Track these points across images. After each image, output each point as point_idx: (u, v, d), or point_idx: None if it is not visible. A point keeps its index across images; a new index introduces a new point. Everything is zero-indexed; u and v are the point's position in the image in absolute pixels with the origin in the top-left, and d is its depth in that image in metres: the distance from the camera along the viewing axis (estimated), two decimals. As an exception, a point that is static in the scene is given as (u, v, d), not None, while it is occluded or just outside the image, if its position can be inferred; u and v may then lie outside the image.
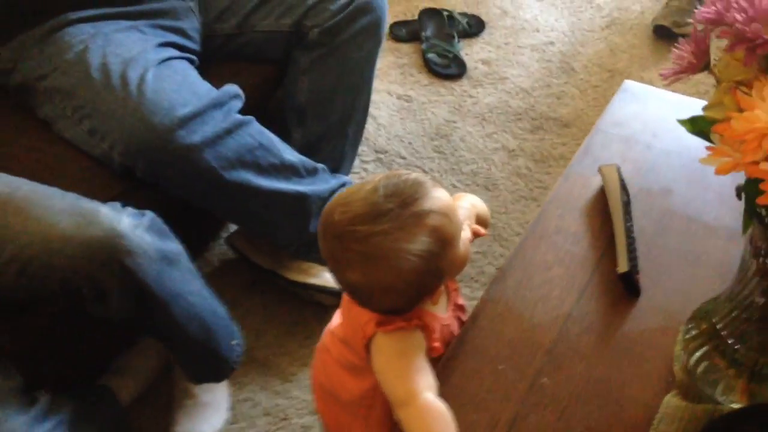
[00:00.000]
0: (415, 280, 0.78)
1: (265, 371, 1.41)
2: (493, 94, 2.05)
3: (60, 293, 0.98)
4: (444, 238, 0.79)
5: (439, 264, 0.79)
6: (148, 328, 1.13)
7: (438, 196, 0.80)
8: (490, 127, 1.94)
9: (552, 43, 2.22)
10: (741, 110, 0.58)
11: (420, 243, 0.77)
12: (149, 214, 1.05)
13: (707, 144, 0.62)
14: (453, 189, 1.77)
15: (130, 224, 0.99)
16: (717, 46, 0.61)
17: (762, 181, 0.56)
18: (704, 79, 0.80)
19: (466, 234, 0.85)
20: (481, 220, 0.95)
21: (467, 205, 0.94)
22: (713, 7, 0.61)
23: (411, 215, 0.77)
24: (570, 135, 1.92)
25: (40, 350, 1.10)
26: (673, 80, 0.64)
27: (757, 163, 0.56)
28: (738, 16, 0.58)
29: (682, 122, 0.65)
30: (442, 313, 0.89)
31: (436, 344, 0.84)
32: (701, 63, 0.62)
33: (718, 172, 0.59)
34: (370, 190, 0.79)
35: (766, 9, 0.57)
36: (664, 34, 2.17)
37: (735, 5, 0.59)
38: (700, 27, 0.62)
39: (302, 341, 1.45)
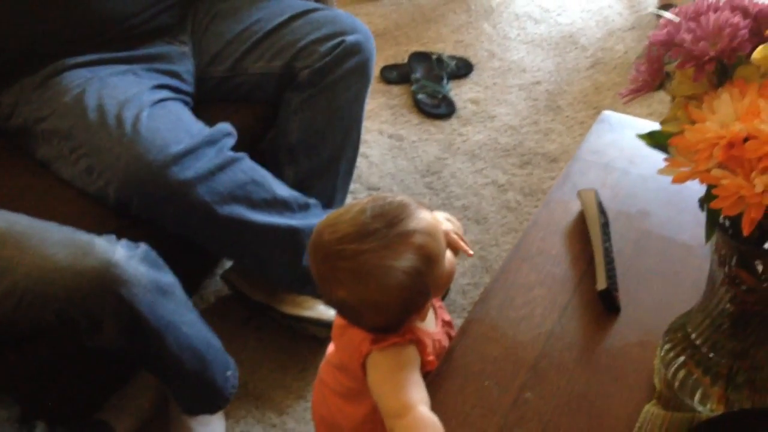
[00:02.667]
0: (402, 296, 0.81)
1: (260, 404, 1.42)
2: (482, 132, 2.10)
3: (56, 324, 1.01)
4: (429, 256, 0.82)
5: (425, 281, 0.83)
6: (143, 360, 1.15)
7: (422, 217, 0.84)
8: (479, 164, 1.99)
9: (538, 83, 2.29)
10: (693, 123, 0.62)
11: (406, 260, 0.80)
12: (143, 246, 1.08)
13: (665, 156, 0.65)
14: (444, 223, 1.80)
15: (124, 255, 1.02)
16: (670, 66, 0.65)
17: (715, 187, 0.59)
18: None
19: (448, 252, 0.89)
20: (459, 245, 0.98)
21: (449, 226, 0.97)
22: (665, 30, 0.65)
23: (397, 234, 0.81)
24: (557, 169, 1.96)
25: (37, 382, 1.12)
26: (630, 99, 0.68)
27: (709, 170, 0.60)
28: (687, 37, 0.62)
29: (642, 137, 0.68)
30: (432, 329, 0.91)
31: (431, 357, 0.87)
32: (656, 81, 0.66)
33: (674, 181, 0.63)
34: (357, 212, 0.83)
35: (711, 30, 0.62)
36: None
37: (684, 27, 0.63)
38: (654, 48, 0.66)
39: (297, 374, 1.47)
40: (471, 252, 0.96)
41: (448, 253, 0.88)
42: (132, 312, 1.02)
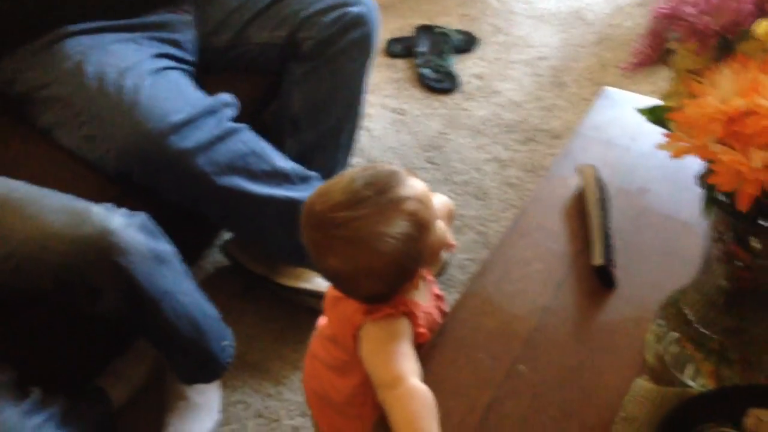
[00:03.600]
0: (394, 262, 0.82)
1: (257, 374, 1.43)
2: (486, 107, 2.08)
3: (53, 290, 1.01)
4: (420, 223, 0.83)
5: (418, 247, 0.83)
6: (139, 328, 1.16)
7: (412, 185, 0.84)
8: (482, 139, 1.98)
9: (544, 58, 2.27)
10: (694, 97, 0.61)
11: (398, 226, 0.81)
12: (141, 215, 1.08)
13: (665, 131, 0.65)
14: (445, 198, 1.80)
15: (122, 223, 1.03)
16: (672, 39, 0.65)
17: (713, 162, 0.59)
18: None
19: (439, 221, 0.89)
20: (449, 216, 0.98)
21: (438, 205, 0.96)
22: (669, 4, 0.64)
23: (388, 201, 0.82)
24: (561, 146, 1.95)
25: (34, 348, 1.13)
26: (632, 72, 0.67)
27: (707, 146, 0.59)
28: (690, 11, 0.62)
29: (642, 111, 0.68)
30: (423, 302, 0.92)
31: (422, 330, 0.87)
32: (657, 55, 0.66)
33: (673, 155, 0.62)
34: (348, 181, 0.83)
35: (715, 4, 0.61)
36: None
37: (688, 1, 0.62)
38: (657, 22, 0.66)
39: (294, 345, 1.48)
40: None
41: (440, 222, 0.88)
42: (129, 280, 1.03)
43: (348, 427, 0.97)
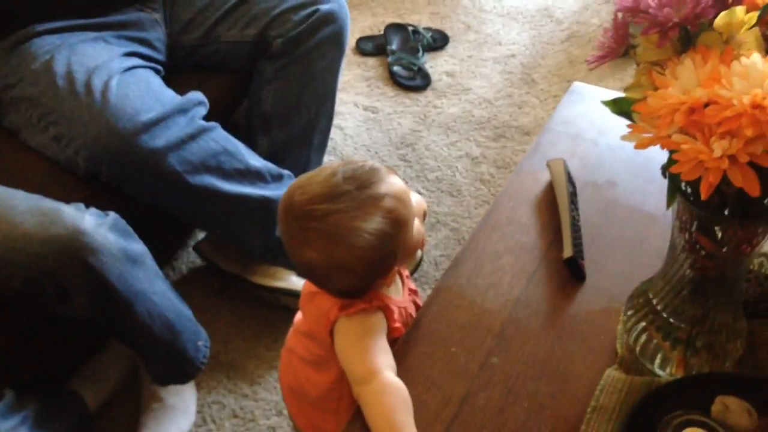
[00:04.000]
0: (369, 257, 0.82)
1: (232, 375, 1.43)
2: (457, 105, 2.10)
3: (24, 292, 1.00)
4: (397, 220, 0.83)
5: (393, 244, 0.84)
6: (113, 329, 1.15)
7: (392, 182, 0.85)
8: (454, 136, 1.99)
9: (513, 56, 2.29)
10: (656, 89, 0.63)
11: (375, 222, 0.81)
12: (112, 214, 1.08)
13: (628, 123, 0.66)
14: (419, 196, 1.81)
15: (93, 223, 1.02)
16: (635, 32, 0.66)
17: (676, 152, 0.60)
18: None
19: (417, 222, 0.89)
20: (423, 215, 0.99)
21: (413, 204, 0.97)
22: (631, -4, 0.65)
23: (367, 197, 0.82)
24: (531, 142, 1.97)
25: (5, 351, 1.11)
26: (596, 65, 0.68)
27: (670, 136, 0.60)
28: (651, 3, 0.63)
29: (606, 103, 0.69)
30: (398, 297, 0.92)
31: (397, 324, 0.88)
32: (621, 48, 0.67)
33: (637, 146, 0.63)
34: (328, 174, 0.84)
35: (675, -5, 0.62)
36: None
37: (649, -7, 0.64)
38: (620, 15, 0.67)
39: (269, 345, 1.47)
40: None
41: (417, 222, 0.89)
42: (101, 280, 1.02)
43: (324, 421, 0.97)
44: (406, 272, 0.97)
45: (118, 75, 1.24)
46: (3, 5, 1.29)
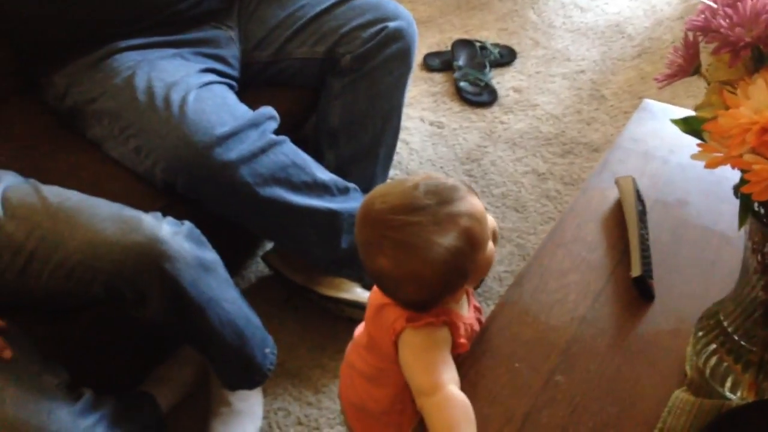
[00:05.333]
0: (442, 273, 0.83)
1: (297, 383, 1.45)
2: (524, 120, 2.09)
3: (104, 296, 1.05)
4: (473, 240, 0.84)
5: (466, 263, 0.85)
6: (185, 334, 1.19)
7: (472, 202, 0.86)
8: (520, 152, 1.99)
9: (583, 72, 2.27)
10: (727, 108, 0.62)
11: (451, 239, 0.82)
12: (188, 224, 1.12)
13: (698, 142, 0.66)
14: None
15: (170, 231, 1.06)
16: (706, 51, 0.66)
17: (747, 172, 0.59)
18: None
19: (490, 243, 0.90)
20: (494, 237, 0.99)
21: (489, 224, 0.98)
22: (702, 15, 0.65)
23: (446, 214, 0.83)
24: (599, 159, 1.94)
25: (85, 352, 1.17)
26: (665, 84, 0.68)
27: (741, 156, 0.60)
28: (723, 22, 0.62)
29: (676, 122, 0.69)
30: (464, 313, 0.93)
31: (463, 340, 0.88)
32: (691, 66, 0.66)
33: (707, 166, 0.63)
34: (410, 187, 0.85)
35: (747, 15, 0.62)
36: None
37: (721, 12, 0.63)
38: (690, 34, 0.67)
39: (333, 355, 1.50)
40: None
41: (490, 243, 0.89)
42: (176, 286, 1.06)
43: None
44: (470, 289, 0.98)
45: (195, 90, 1.29)
46: (89, 24, 1.36)
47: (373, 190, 0.88)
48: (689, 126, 0.68)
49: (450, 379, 0.82)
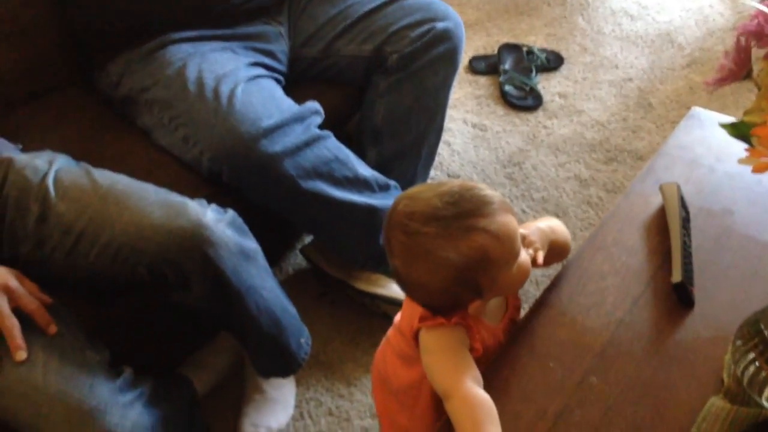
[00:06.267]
0: (445, 286, 0.83)
1: (330, 375, 1.47)
2: (568, 126, 2.08)
3: (148, 278, 1.08)
4: (486, 259, 0.82)
5: (477, 280, 0.83)
6: (223, 319, 1.21)
7: (499, 220, 0.82)
8: (563, 157, 1.98)
9: (630, 80, 2.25)
10: (778, 112, 0.61)
11: (457, 255, 0.81)
12: (231, 212, 1.14)
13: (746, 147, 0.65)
14: (522, 215, 1.81)
15: (213, 218, 1.09)
16: (757, 56, 0.65)
17: (795, 177, 0.59)
18: None
19: (524, 257, 0.87)
20: (558, 245, 0.98)
21: (544, 228, 0.96)
22: (755, 21, 0.65)
23: (459, 228, 0.81)
24: (644, 167, 1.92)
25: (127, 334, 1.20)
26: (716, 87, 0.68)
27: (790, 160, 0.59)
28: (777, 26, 0.62)
29: (725, 126, 0.68)
30: (492, 322, 0.92)
31: (477, 345, 0.87)
32: (743, 71, 0.66)
33: (755, 170, 0.63)
34: (438, 193, 0.83)
35: (803, 18, 0.61)
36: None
37: (775, 16, 0.63)
38: (742, 38, 0.66)
39: (367, 349, 1.51)
40: (540, 262, 0.92)
41: (523, 259, 0.86)
42: (217, 272, 1.08)
43: (399, 414, 0.99)
44: (517, 302, 0.97)
45: (243, 83, 1.32)
46: (146, 15, 1.40)
47: (409, 189, 0.88)
48: (738, 131, 0.67)
49: (467, 379, 0.81)
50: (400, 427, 0.99)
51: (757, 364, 0.79)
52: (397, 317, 0.99)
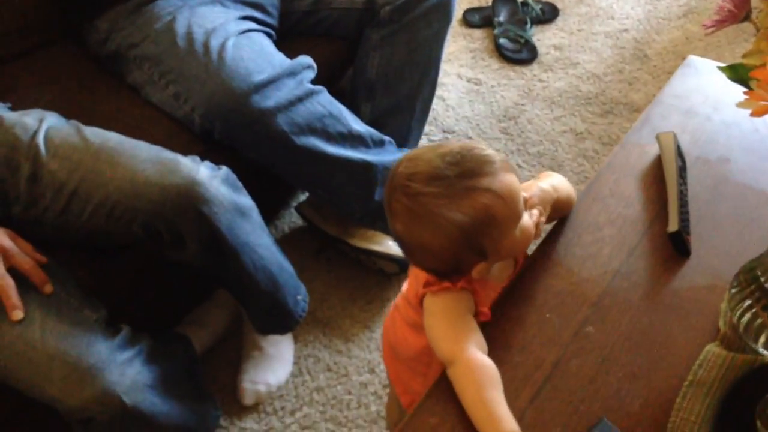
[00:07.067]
0: (449, 247, 0.81)
1: (328, 331, 1.48)
2: (564, 79, 2.06)
3: (143, 236, 1.07)
4: (491, 218, 0.80)
5: (481, 241, 0.81)
6: (220, 277, 1.21)
7: (501, 179, 0.80)
8: (558, 111, 1.96)
9: (626, 30, 2.22)
10: (778, 54, 0.60)
11: (462, 215, 0.79)
12: (225, 168, 1.13)
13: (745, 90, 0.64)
14: (519, 169, 1.80)
15: (207, 175, 1.08)
16: (759, -4, 0.64)
17: (795, 120, 0.58)
18: None
19: (526, 220, 0.85)
20: (563, 203, 0.96)
21: (547, 188, 0.93)
22: (757, -41, 0.63)
23: (464, 187, 0.79)
24: (639, 119, 1.91)
25: (123, 292, 1.20)
26: (714, 30, 0.66)
27: (790, 102, 0.58)
28: (779, -35, 0.61)
29: (723, 69, 0.67)
30: (499, 281, 0.91)
31: (484, 309, 0.86)
32: (742, 13, 0.65)
33: (753, 114, 0.62)
34: (440, 154, 0.81)
35: (806, -43, 0.60)
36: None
37: (777, -45, 0.61)
38: (743, -22, 0.65)
39: (364, 306, 1.52)
40: (538, 236, 0.90)
41: (525, 222, 0.85)
42: (211, 229, 1.08)
43: (412, 381, 0.99)
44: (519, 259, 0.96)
45: (234, 37, 1.29)
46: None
47: (409, 152, 0.86)
48: (736, 74, 0.66)
49: (469, 344, 0.79)
50: (415, 392, 0.98)
51: (753, 311, 0.79)
52: (405, 285, 0.98)
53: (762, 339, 0.79)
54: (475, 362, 0.78)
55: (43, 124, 1.10)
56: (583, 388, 0.81)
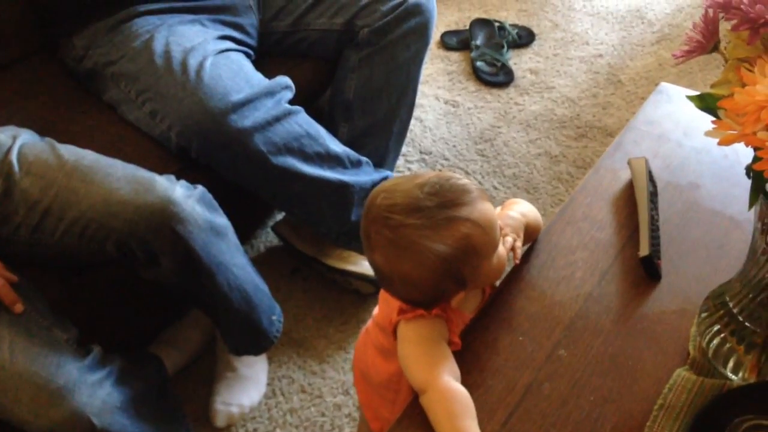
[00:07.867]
0: (431, 278, 0.81)
1: (302, 352, 1.47)
2: (539, 103, 2.09)
3: (116, 255, 1.07)
4: (471, 248, 0.81)
5: (462, 270, 0.82)
6: (194, 297, 1.20)
7: (479, 208, 0.81)
8: (534, 134, 1.98)
9: (601, 56, 2.26)
10: (744, 86, 0.62)
11: (444, 245, 0.79)
12: (200, 188, 1.13)
13: (713, 119, 0.66)
14: (494, 191, 1.81)
15: (182, 194, 1.07)
16: (725, 28, 0.65)
17: (761, 149, 0.59)
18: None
19: (501, 249, 0.86)
20: (531, 229, 0.97)
21: (517, 215, 0.95)
22: (724, -8, 0.65)
23: (445, 218, 0.80)
24: (613, 143, 1.94)
25: (95, 311, 1.19)
26: (683, 60, 0.68)
27: (755, 133, 0.60)
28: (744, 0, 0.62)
29: (692, 98, 0.69)
30: (469, 312, 0.91)
31: (456, 339, 0.86)
32: (710, 43, 0.66)
33: (721, 143, 0.63)
34: (417, 184, 0.82)
35: (770, -8, 0.61)
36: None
37: (743, -11, 0.63)
38: (709, 10, 0.66)
39: (339, 326, 1.51)
40: (517, 260, 0.93)
41: (501, 250, 0.86)
42: (186, 248, 1.07)
43: (382, 408, 0.99)
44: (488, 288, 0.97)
45: (212, 56, 1.30)
46: (110, -14, 1.37)
47: (384, 182, 0.86)
48: (704, 103, 0.68)
49: (443, 372, 0.79)
50: (384, 419, 0.98)
51: (722, 335, 0.81)
52: (376, 310, 0.98)
53: (730, 364, 0.80)
54: (449, 391, 0.78)
55: (16, 141, 1.09)
56: (555, 411, 0.82)
